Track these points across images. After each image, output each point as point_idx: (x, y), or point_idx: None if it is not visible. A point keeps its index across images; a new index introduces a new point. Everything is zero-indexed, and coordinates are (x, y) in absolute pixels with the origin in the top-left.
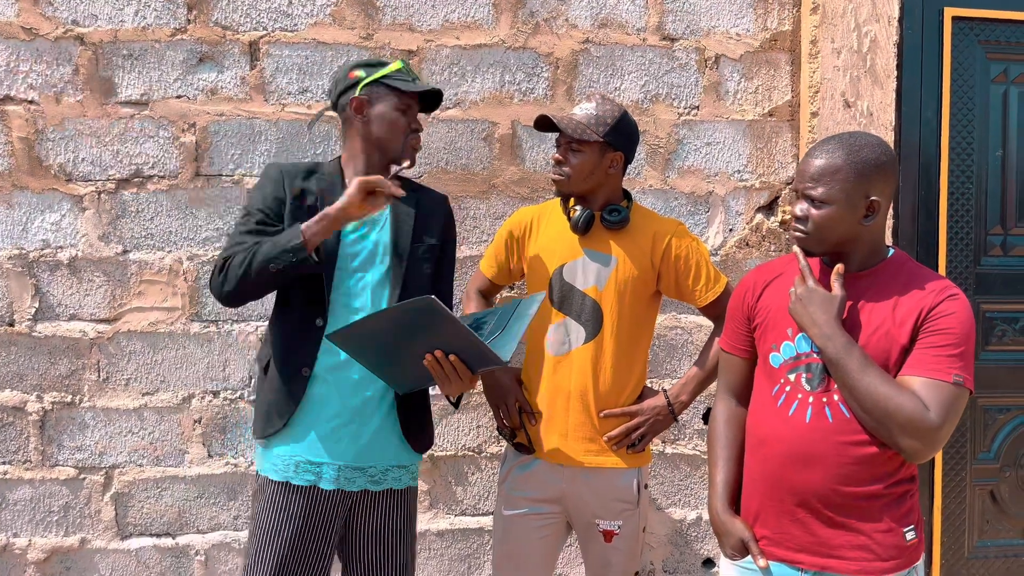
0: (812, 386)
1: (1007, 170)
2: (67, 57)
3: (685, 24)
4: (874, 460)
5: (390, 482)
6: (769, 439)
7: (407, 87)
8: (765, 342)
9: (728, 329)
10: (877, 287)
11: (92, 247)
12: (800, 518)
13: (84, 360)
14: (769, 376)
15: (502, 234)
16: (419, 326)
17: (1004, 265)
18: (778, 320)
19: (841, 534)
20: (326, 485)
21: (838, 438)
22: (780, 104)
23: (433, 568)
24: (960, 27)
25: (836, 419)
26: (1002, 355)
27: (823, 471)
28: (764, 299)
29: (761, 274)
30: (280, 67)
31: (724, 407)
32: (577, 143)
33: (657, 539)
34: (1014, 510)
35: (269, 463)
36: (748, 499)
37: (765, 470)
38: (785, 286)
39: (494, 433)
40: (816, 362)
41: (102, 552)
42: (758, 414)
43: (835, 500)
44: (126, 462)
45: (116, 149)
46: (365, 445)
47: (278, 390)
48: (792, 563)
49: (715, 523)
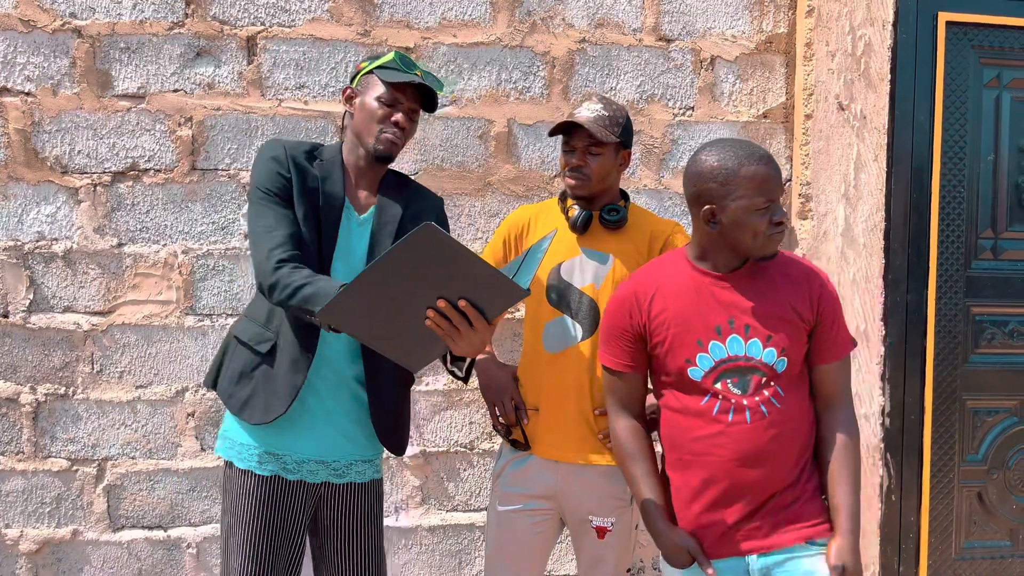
0: (741, 389)
1: (998, 175)
2: (64, 49)
3: (681, 25)
4: (801, 441)
5: (353, 475)
6: (713, 447)
7: (392, 78)
8: (675, 359)
9: (613, 348)
10: (760, 278)
11: (87, 239)
12: (748, 512)
13: (78, 352)
14: (691, 389)
15: (500, 233)
16: (419, 268)
17: (994, 269)
18: (684, 335)
19: (784, 512)
20: (289, 476)
21: (776, 431)
22: (775, 106)
23: (424, 564)
24: (954, 32)
25: (772, 414)
26: (991, 358)
27: (771, 465)
28: (657, 315)
29: (639, 288)
30: (277, 62)
31: (625, 424)
32: (597, 145)
33: (647, 537)
34: (1001, 512)
35: (235, 451)
36: (686, 508)
37: (711, 476)
38: (672, 296)
39: (487, 429)
40: (735, 366)
41: (94, 544)
42: (689, 426)
43: (781, 484)
44: (119, 454)
45: (112, 142)
46: (328, 439)
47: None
48: (741, 554)
49: (661, 539)
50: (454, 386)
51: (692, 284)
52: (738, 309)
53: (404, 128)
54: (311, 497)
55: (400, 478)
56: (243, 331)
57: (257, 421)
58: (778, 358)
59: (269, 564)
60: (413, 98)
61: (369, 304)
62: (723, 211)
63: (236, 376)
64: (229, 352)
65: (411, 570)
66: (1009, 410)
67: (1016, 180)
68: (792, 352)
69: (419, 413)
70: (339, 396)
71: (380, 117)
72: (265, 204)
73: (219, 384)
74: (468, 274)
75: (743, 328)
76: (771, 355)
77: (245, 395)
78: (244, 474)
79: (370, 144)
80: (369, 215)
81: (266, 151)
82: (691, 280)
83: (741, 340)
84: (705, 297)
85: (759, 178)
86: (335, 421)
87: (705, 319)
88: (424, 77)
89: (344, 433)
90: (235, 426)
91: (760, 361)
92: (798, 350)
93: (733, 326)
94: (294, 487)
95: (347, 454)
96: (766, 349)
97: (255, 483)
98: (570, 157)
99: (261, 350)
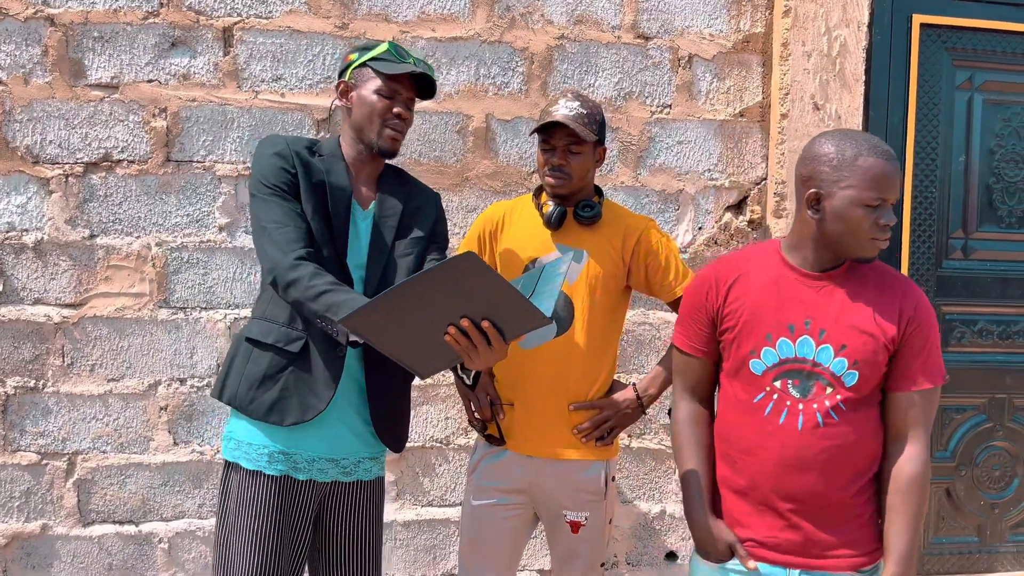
0: (800, 393)
1: (969, 175)
2: (36, 38)
3: (660, 23)
4: (859, 461)
5: (360, 473)
6: (758, 448)
7: (389, 69)
8: (741, 348)
9: (686, 329)
10: (850, 285)
11: (59, 231)
12: (793, 522)
13: (48, 345)
14: (749, 383)
15: (475, 230)
16: (451, 290)
17: (964, 268)
18: (754, 325)
19: (831, 534)
20: (299, 475)
21: (831, 442)
22: (751, 105)
23: (399, 559)
24: (928, 34)
25: (827, 424)
26: (960, 356)
27: (816, 475)
28: (732, 301)
29: (723, 272)
30: (254, 54)
31: (687, 408)
32: (577, 144)
33: (621, 531)
34: (969, 508)
35: (241, 452)
36: (731, 504)
37: (755, 477)
38: (752, 286)
39: (462, 424)
40: (799, 368)
41: (64, 539)
42: (740, 422)
43: (828, 501)
44: (90, 448)
45: (85, 132)
46: (338, 437)
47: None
48: (782, 565)
49: (698, 529)
50: (429, 381)
51: (776, 276)
52: (817, 310)
53: (406, 119)
54: (318, 496)
55: None
56: (263, 334)
57: (293, 421)
58: (848, 370)
59: (276, 565)
60: (410, 88)
61: (393, 317)
62: (829, 198)
63: (257, 381)
64: (241, 357)
65: (386, 565)
66: (977, 407)
67: (987, 181)
68: (865, 368)
69: None
70: (348, 393)
71: (381, 111)
72: (272, 199)
73: (234, 392)
74: (498, 300)
75: (817, 331)
76: (841, 365)
77: (272, 398)
78: (253, 475)
79: (373, 140)
80: (371, 209)
81: (268, 147)
82: (776, 272)
83: (812, 343)
84: (786, 292)
85: (875, 171)
86: (345, 418)
87: (780, 314)
88: (417, 64)
89: (353, 430)
90: (242, 427)
91: (827, 369)
92: (874, 367)
93: (808, 327)
94: (303, 487)
95: (356, 451)
96: (837, 358)
97: (264, 483)
98: (550, 156)
99: (293, 350)
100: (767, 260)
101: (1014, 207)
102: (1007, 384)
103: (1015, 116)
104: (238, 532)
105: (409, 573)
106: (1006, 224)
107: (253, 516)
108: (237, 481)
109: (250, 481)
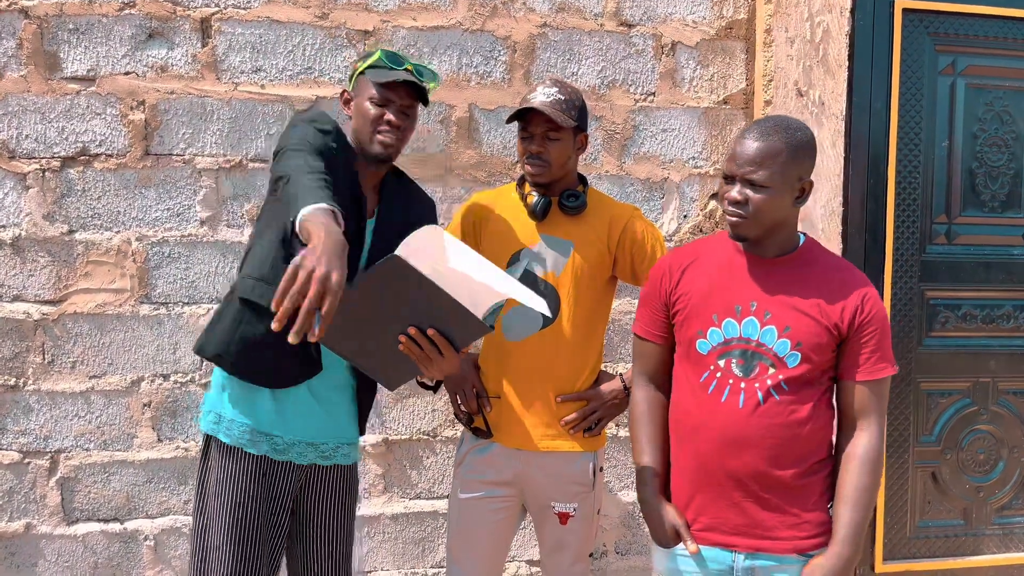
0: (743, 372)
1: (953, 161)
2: (10, 31)
3: (642, 10)
4: (804, 442)
5: (339, 458)
6: (702, 426)
7: (380, 77)
8: (688, 328)
9: (643, 315)
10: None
11: (36, 226)
12: (736, 501)
13: (28, 342)
14: (696, 363)
15: (457, 220)
16: (390, 296)
17: (948, 253)
18: (701, 306)
19: (775, 515)
20: (277, 456)
21: (771, 421)
22: (735, 92)
23: (387, 551)
24: (910, 19)
25: (768, 403)
26: (945, 340)
27: (758, 454)
28: (683, 284)
29: (677, 258)
30: (233, 45)
31: (644, 393)
32: (555, 130)
33: (610, 521)
34: (954, 491)
35: (223, 428)
36: (679, 486)
37: (700, 457)
38: (704, 270)
39: (449, 417)
40: (743, 347)
41: (48, 537)
42: (687, 402)
43: (770, 482)
44: (72, 446)
45: (61, 126)
46: (319, 421)
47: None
48: (727, 546)
49: (647, 511)
50: None
51: (727, 260)
52: (764, 293)
53: (399, 126)
54: (297, 479)
55: (362, 466)
56: (262, 296)
57: (285, 384)
58: (791, 351)
59: (253, 545)
60: (407, 94)
61: (351, 328)
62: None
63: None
64: (233, 317)
65: (374, 558)
66: (962, 392)
67: (970, 166)
68: (809, 350)
69: (381, 401)
70: (329, 378)
71: (373, 119)
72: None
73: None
74: (435, 306)
75: (763, 313)
76: (784, 346)
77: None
78: (231, 451)
79: (368, 148)
80: (373, 218)
81: (316, 120)
82: (728, 257)
83: (757, 323)
84: (736, 275)
85: (731, 148)
86: (325, 403)
87: (728, 295)
88: (415, 70)
89: (332, 415)
90: (224, 401)
91: (770, 349)
92: (818, 351)
93: (754, 308)
94: (282, 469)
95: (335, 436)
96: (780, 339)
97: (243, 460)
98: (528, 144)
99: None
100: (721, 246)
101: (997, 191)
102: (991, 368)
103: (997, 100)
104: (216, 520)
105: (398, 566)
106: (989, 208)
107: (232, 492)
108: (217, 458)
109: (230, 460)
